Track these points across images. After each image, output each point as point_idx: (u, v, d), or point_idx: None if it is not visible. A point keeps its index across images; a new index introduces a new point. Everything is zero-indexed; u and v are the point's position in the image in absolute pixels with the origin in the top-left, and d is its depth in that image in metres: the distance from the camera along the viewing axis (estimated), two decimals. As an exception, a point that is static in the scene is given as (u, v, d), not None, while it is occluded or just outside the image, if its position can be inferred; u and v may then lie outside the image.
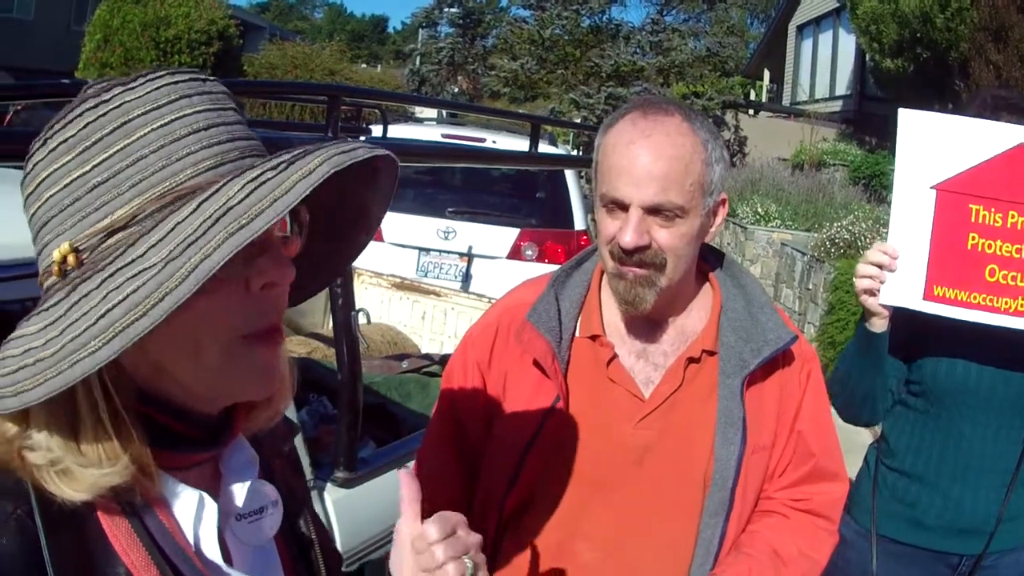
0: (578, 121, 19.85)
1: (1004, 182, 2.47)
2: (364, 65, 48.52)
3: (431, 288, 6.15)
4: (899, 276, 2.52)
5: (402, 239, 7.86)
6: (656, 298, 1.89)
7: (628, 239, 1.81)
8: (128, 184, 0.97)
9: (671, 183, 1.80)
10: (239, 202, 0.92)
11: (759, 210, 14.21)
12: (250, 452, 1.20)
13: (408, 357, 4.86)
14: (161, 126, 0.98)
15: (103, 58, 21.63)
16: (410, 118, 12.44)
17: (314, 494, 2.77)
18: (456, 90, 30.09)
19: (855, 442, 4.07)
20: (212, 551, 1.10)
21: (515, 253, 7.87)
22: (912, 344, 2.70)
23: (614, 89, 24.27)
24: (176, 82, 1.01)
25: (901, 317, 2.59)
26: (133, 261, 0.91)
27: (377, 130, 6.40)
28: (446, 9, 29.27)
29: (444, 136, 8.18)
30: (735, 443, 1.90)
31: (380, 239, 7.78)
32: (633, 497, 1.95)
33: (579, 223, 7.97)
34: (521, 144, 4.01)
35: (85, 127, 0.98)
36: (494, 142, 8.07)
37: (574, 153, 13.53)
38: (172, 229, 0.92)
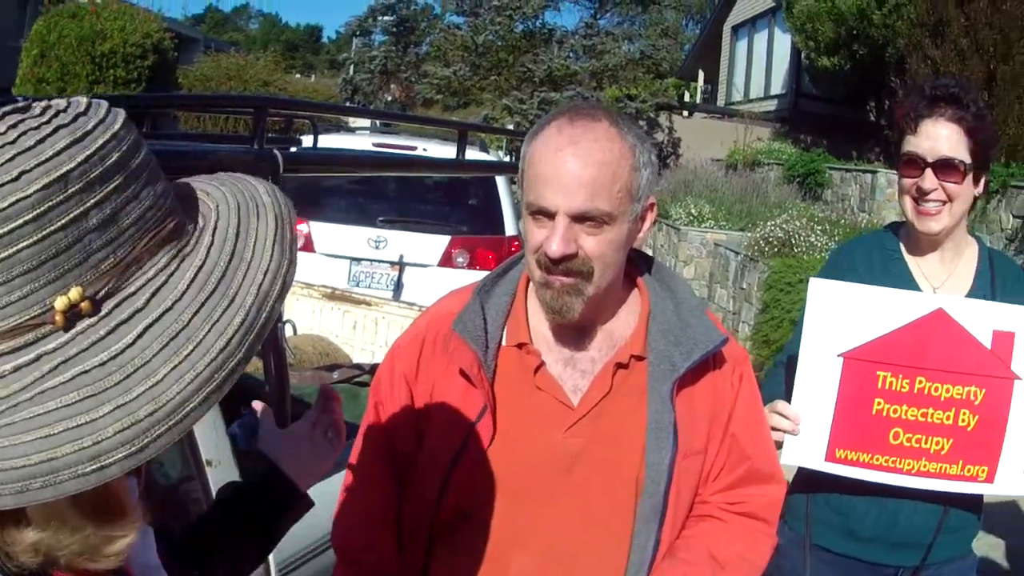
0: (511, 127, 19.90)
1: (913, 349, 2.51)
2: (299, 75, 48.30)
3: (362, 298, 6.13)
4: (802, 438, 2.57)
5: (333, 249, 7.80)
6: (583, 306, 1.86)
7: (555, 248, 1.78)
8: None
9: (599, 189, 1.78)
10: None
11: (692, 211, 14.33)
12: None
13: (339, 368, 4.83)
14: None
15: (40, 73, 21.25)
16: (342, 128, 12.36)
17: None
18: (389, 98, 30.01)
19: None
20: None
21: (446, 260, 7.84)
22: None
23: (547, 94, 24.41)
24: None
25: None
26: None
27: (308, 140, 6.35)
28: (380, 17, 29.22)
29: (376, 145, 8.13)
30: (666, 448, 1.88)
31: (311, 250, 7.72)
32: (565, 505, 1.92)
33: (510, 229, 7.96)
34: (452, 152, 4.01)
35: None
36: (425, 150, 8.05)
37: (507, 159, 13.52)
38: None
